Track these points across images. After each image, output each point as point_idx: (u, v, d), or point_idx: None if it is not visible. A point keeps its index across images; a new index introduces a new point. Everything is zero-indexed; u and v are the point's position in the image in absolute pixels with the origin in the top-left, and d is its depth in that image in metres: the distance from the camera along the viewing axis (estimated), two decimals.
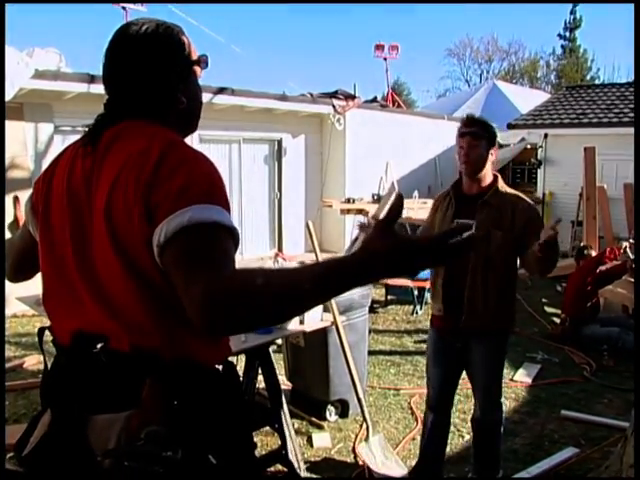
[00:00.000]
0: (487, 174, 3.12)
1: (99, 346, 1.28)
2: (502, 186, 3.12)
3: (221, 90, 8.50)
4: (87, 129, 1.42)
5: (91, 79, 7.37)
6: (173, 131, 1.41)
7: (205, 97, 6.55)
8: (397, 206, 1.12)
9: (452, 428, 4.19)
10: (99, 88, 7.12)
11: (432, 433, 3.41)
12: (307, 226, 4.10)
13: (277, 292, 1.12)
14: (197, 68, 1.51)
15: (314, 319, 3.66)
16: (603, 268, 6.36)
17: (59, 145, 7.58)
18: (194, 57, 1.50)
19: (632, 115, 13.25)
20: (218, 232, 1.21)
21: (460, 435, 4.11)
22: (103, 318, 1.30)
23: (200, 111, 1.56)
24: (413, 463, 3.71)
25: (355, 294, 4.22)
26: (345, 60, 62.91)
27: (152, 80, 1.41)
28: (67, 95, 7.45)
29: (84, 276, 1.34)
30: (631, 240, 9.47)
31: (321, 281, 1.13)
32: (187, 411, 1.28)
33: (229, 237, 1.23)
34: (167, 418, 1.25)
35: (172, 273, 1.20)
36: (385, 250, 1.10)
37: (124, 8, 9.63)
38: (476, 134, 3.08)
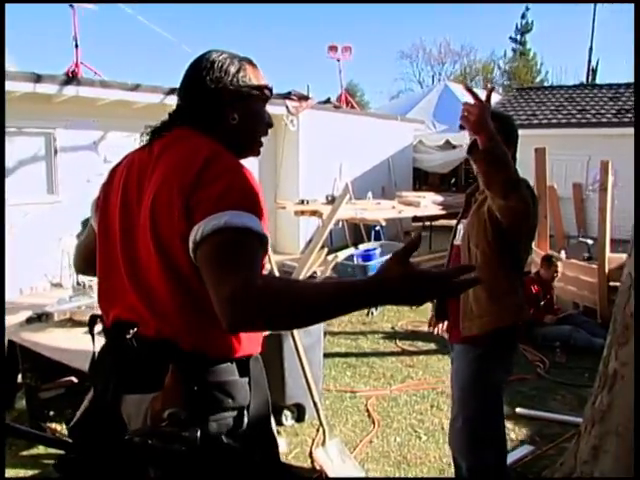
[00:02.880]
0: None
1: (132, 331, 1.44)
2: None
3: (172, 91, 8.32)
4: (147, 134, 1.60)
5: (37, 79, 7.14)
6: (222, 145, 1.52)
7: (156, 98, 6.47)
8: (415, 241, 1.28)
9: (409, 429, 4.19)
10: (45, 88, 6.89)
11: None
12: None
13: (297, 301, 1.25)
14: (259, 93, 1.63)
15: None
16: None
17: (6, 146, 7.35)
18: (255, 83, 1.62)
19: (579, 117, 13.57)
20: (248, 237, 1.33)
21: (417, 436, 4.10)
22: (139, 304, 1.46)
23: (256, 132, 1.66)
24: (370, 466, 3.68)
25: None
26: (298, 61, 62.86)
27: (203, 94, 1.56)
28: (12, 94, 7.20)
29: (127, 264, 1.49)
30: (581, 238, 9.68)
31: (337, 296, 1.26)
32: (205, 396, 1.42)
33: (258, 243, 1.35)
34: (187, 401, 1.38)
35: (203, 269, 1.32)
36: (398, 276, 1.23)
37: (72, 6, 9.37)
38: None
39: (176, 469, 1.35)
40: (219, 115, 1.57)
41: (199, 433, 1.35)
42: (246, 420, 1.50)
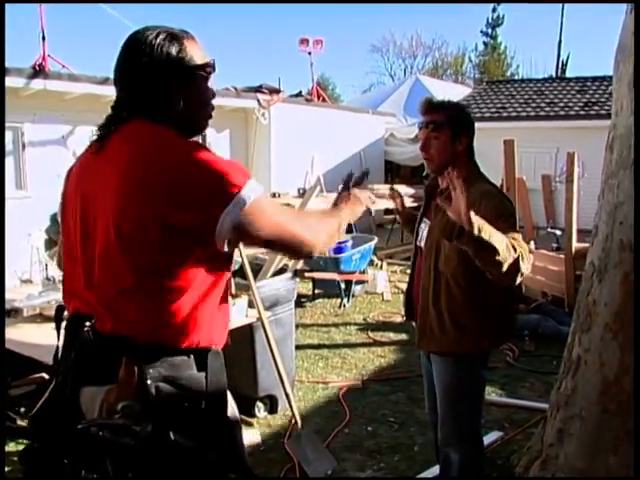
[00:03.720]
0: (460, 167, 2.42)
1: (88, 324, 1.47)
2: (469, 180, 2.32)
3: None
4: (97, 130, 1.56)
5: None
6: (175, 130, 1.51)
7: None
8: (360, 177, 1.97)
9: (381, 418, 4.24)
10: (12, 81, 6.78)
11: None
12: None
13: (324, 225, 1.68)
14: (204, 72, 1.58)
15: (239, 316, 3.62)
16: None
17: None
18: (198, 62, 1.56)
19: (548, 109, 13.75)
20: (267, 198, 1.57)
21: (389, 425, 4.15)
22: (95, 303, 1.49)
23: (205, 112, 1.63)
24: (343, 456, 3.72)
25: (280, 288, 4.21)
26: (269, 54, 62.41)
27: (150, 82, 1.51)
28: None
29: (85, 265, 1.52)
30: (549, 229, 9.81)
31: (338, 218, 1.77)
32: (159, 389, 1.44)
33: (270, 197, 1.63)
34: (140, 395, 1.40)
35: (252, 232, 1.46)
36: (348, 195, 1.86)
37: None
38: (435, 123, 2.45)
39: (126, 462, 1.35)
40: (166, 101, 1.53)
41: (150, 428, 1.34)
42: (200, 416, 1.51)
